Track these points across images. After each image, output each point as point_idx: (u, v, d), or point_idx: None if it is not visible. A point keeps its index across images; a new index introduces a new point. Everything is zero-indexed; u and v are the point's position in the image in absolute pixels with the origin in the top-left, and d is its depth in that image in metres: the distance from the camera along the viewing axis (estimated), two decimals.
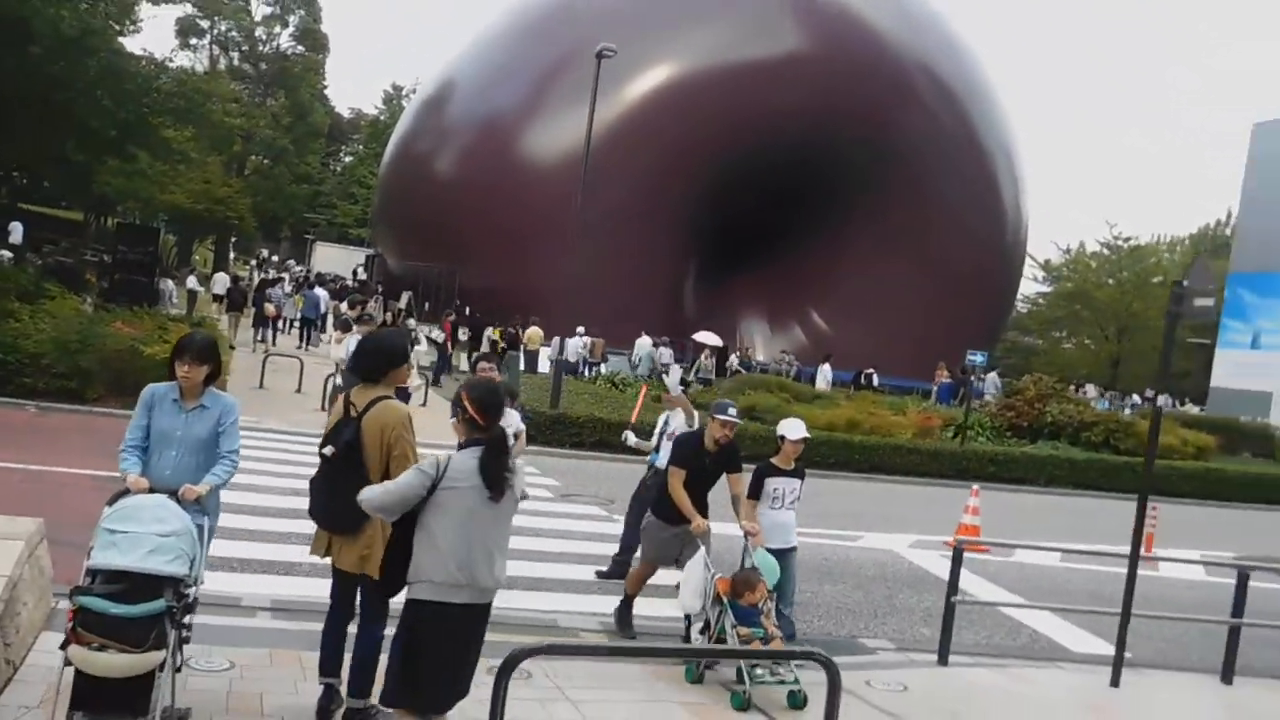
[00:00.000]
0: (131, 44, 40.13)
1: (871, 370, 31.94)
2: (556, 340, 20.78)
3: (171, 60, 27.31)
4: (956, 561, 7.42)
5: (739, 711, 5.82)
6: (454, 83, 41.09)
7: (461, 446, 4.30)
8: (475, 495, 4.16)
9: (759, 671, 5.98)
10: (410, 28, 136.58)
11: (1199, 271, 6.70)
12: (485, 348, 26.10)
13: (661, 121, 34.89)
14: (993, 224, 40.09)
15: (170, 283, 27.73)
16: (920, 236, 38.05)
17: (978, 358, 19.89)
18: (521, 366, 24.23)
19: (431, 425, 10.35)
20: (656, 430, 9.02)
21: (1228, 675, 7.68)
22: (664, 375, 25.11)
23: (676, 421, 8.81)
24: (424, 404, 17.80)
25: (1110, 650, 7.62)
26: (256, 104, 51.21)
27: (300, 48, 51.84)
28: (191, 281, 30.97)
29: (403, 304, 38.74)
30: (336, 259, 57.33)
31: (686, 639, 6.82)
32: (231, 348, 21.56)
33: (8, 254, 24.79)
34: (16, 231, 27.62)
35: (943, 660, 7.30)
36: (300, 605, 6.63)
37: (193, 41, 49.16)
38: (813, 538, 10.77)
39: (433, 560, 4.14)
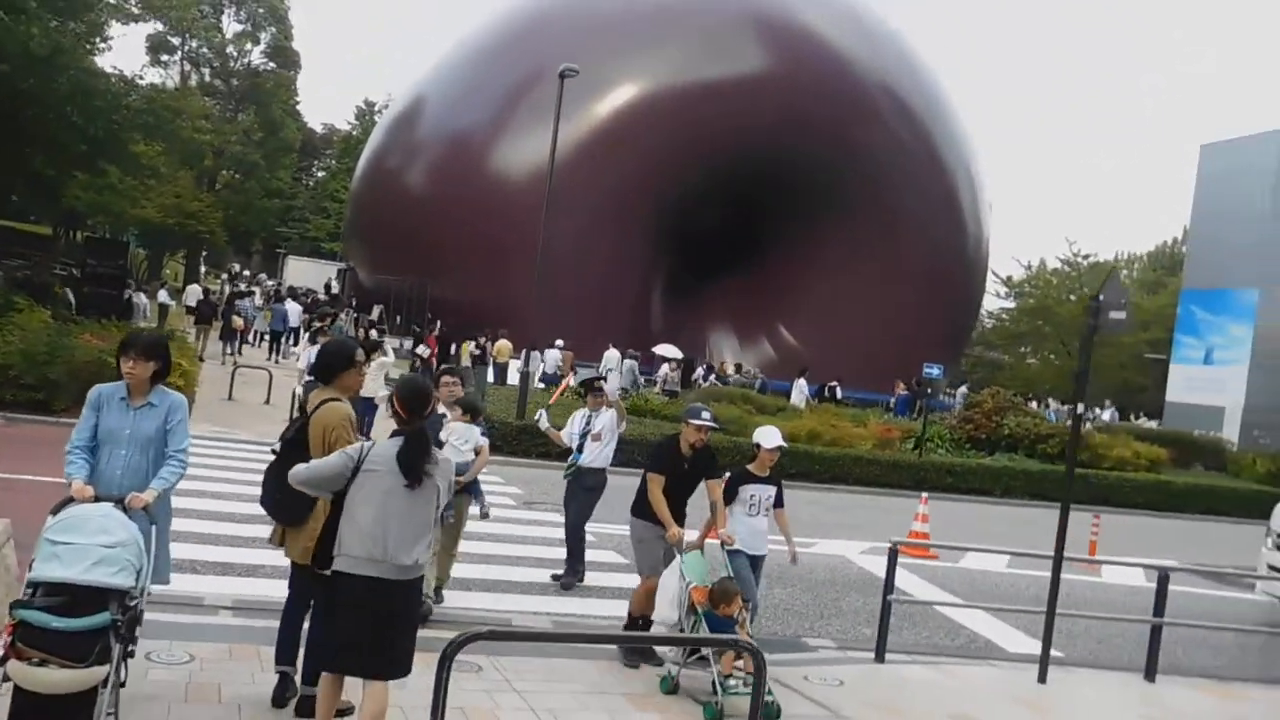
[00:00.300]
0: (103, 61, 40.27)
1: (835, 383, 32.42)
2: (524, 352, 21.11)
3: (142, 77, 27.50)
4: (892, 562, 7.78)
5: None
6: (424, 99, 41.39)
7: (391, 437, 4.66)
8: (392, 480, 4.48)
9: (731, 682, 5.99)
10: (384, 44, 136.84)
11: (1112, 286, 7.10)
12: (466, 361, 26.33)
13: (629, 137, 35.38)
14: (954, 238, 40.75)
15: (143, 296, 27.84)
16: (884, 250, 38.66)
17: (934, 371, 20.33)
18: (491, 379, 24.51)
19: None
20: (577, 430, 9.16)
21: (1150, 673, 8.08)
22: (639, 388, 25.50)
23: (601, 422, 9.04)
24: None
25: (1033, 645, 8.06)
26: (228, 119, 51.30)
27: (271, 64, 52.02)
28: (163, 295, 31.14)
29: (374, 317, 38.97)
30: (308, 273, 57.36)
31: (640, 652, 6.81)
32: (200, 360, 21.71)
33: None
34: None
35: (879, 657, 7.65)
36: (261, 604, 6.92)
37: (164, 58, 49.24)
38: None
39: (351, 536, 4.47)
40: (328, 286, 51.12)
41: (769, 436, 7.33)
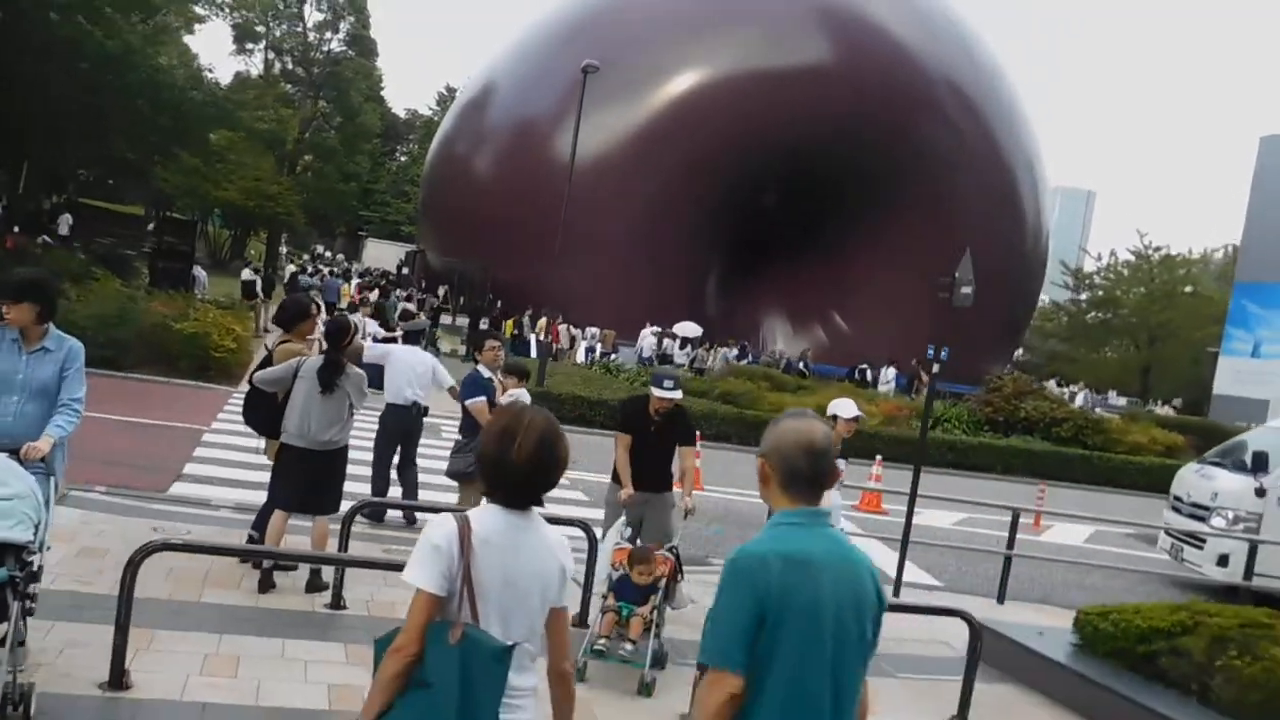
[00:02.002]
0: (194, 45, 42.77)
1: (865, 365, 33.41)
2: (542, 321, 22.42)
3: (211, 70, 29.71)
4: None
5: None
6: (493, 85, 42.63)
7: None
8: (314, 385, 6.49)
9: (601, 643, 5.78)
10: (469, 29, 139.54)
11: (964, 265, 8.09)
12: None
13: (689, 125, 36.28)
14: (1013, 230, 40.98)
15: (201, 270, 29.80)
16: (940, 241, 38.84)
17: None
18: (533, 354, 25.97)
19: None
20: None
21: (1000, 597, 9.22)
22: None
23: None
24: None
25: (930, 580, 9.26)
26: (309, 105, 53.76)
27: (350, 52, 54.26)
28: (246, 273, 33.22)
29: (440, 298, 40.88)
30: (385, 255, 59.62)
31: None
32: (264, 330, 23.62)
33: (47, 239, 27.05)
34: (64, 223, 30.22)
35: None
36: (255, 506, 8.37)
37: (249, 46, 51.82)
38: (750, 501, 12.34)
39: (289, 421, 6.57)
40: (398, 267, 53.24)
41: (845, 408, 7.07)
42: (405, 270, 51.62)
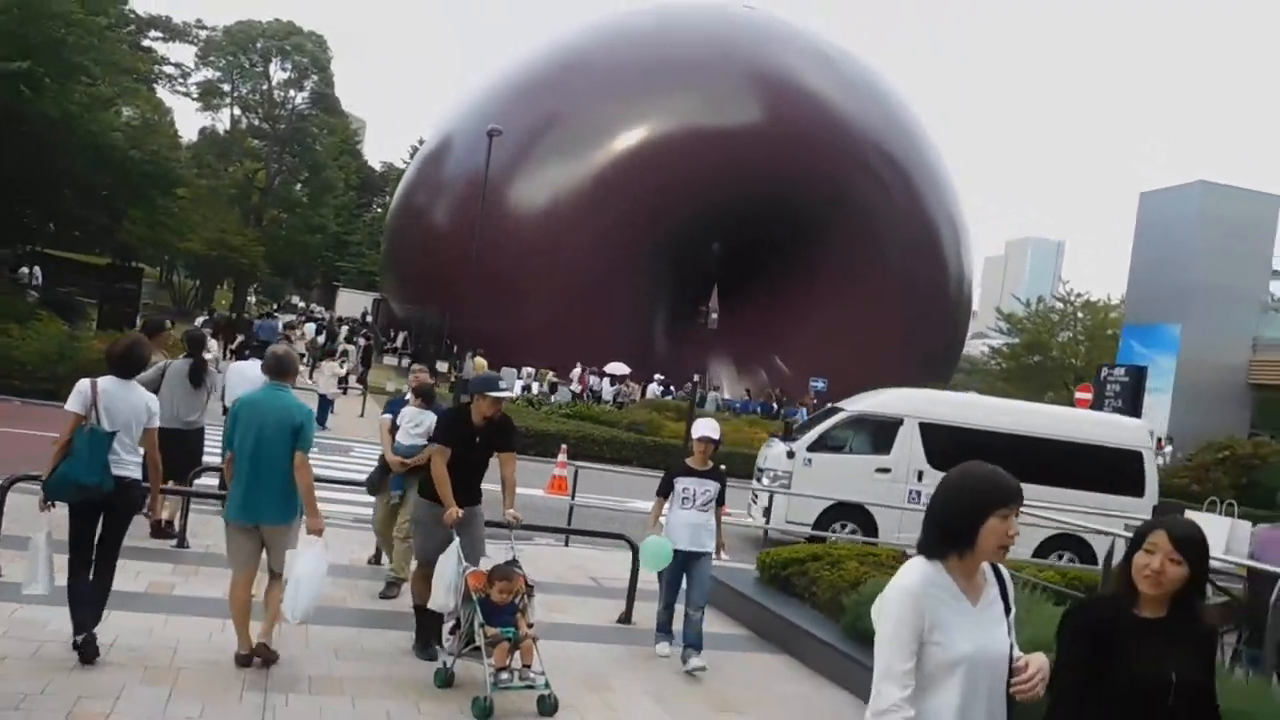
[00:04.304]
0: (168, 98, 45.07)
1: (776, 403, 35.86)
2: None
3: (173, 127, 31.97)
4: None
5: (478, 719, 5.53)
6: (451, 137, 44.63)
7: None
8: (183, 378, 8.93)
9: (504, 676, 5.62)
10: (449, 86, 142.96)
11: (713, 297, 10.14)
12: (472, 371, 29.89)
13: (634, 177, 38.64)
14: (936, 276, 43.54)
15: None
16: (872, 288, 41.50)
17: (819, 384, 23.41)
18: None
19: None
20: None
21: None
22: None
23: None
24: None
25: None
26: (274, 159, 56.11)
27: (314, 110, 56.72)
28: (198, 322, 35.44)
29: (398, 343, 43.24)
30: (356, 303, 61.64)
31: (437, 641, 6.49)
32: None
33: (32, 293, 29.36)
34: (35, 274, 32.61)
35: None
36: None
37: (214, 102, 54.25)
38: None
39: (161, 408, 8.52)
40: (363, 315, 55.28)
41: (699, 427, 7.37)
42: (370, 318, 53.58)
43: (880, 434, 14.25)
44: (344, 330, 41.83)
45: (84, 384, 5.82)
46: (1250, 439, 28.49)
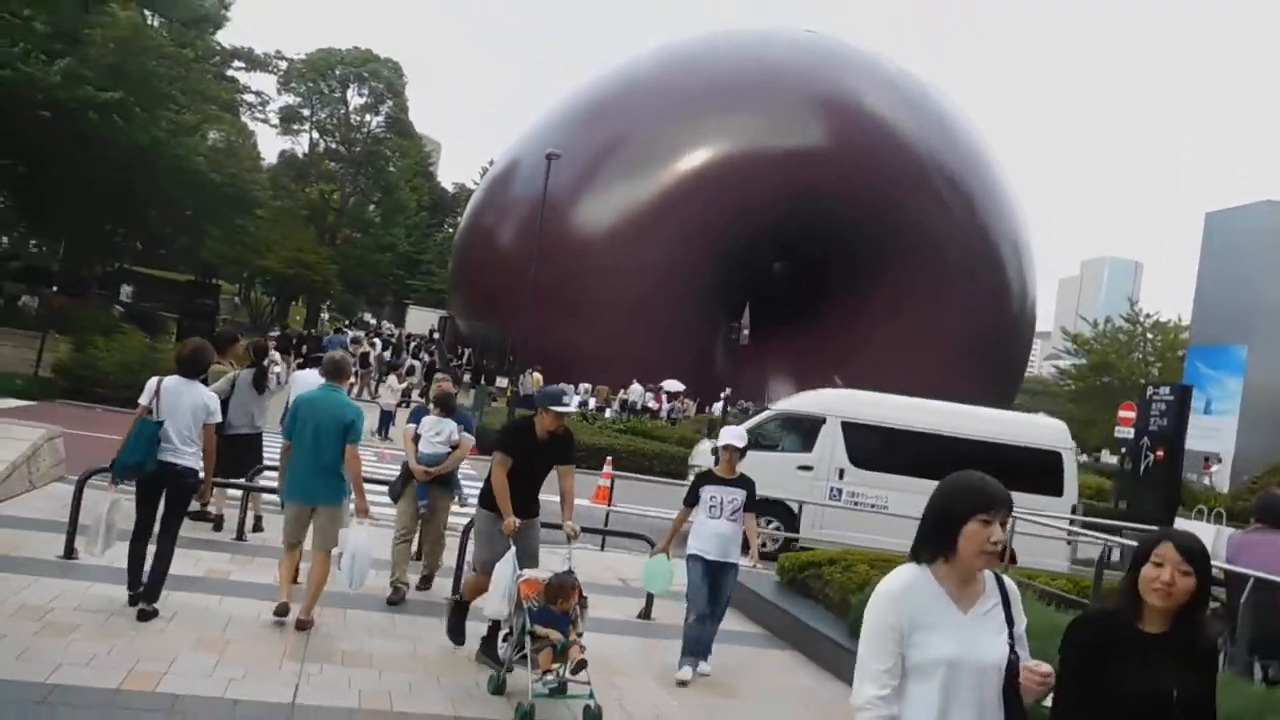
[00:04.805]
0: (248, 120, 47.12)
1: None
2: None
3: (257, 150, 33.51)
4: None
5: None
6: (518, 160, 45.69)
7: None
8: (249, 385, 9.66)
9: (549, 678, 5.63)
10: (522, 110, 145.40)
11: (745, 314, 10.64)
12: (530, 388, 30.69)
13: (696, 199, 39.27)
14: (999, 297, 43.42)
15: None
16: (932, 309, 41.54)
17: None
18: None
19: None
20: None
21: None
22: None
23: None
24: None
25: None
26: (350, 181, 57.97)
27: (389, 134, 58.50)
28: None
29: (463, 358, 44.19)
30: (425, 320, 63.16)
31: (492, 647, 6.50)
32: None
33: (119, 308, 31.02)
34: (125, 292, 34.35)
35: None
36: None
37: (294, 127, 56.33)
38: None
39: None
40: (431, 332, 56.61)
41: (725, 435, 7.32)
42: (437, 334, 54.81)
43: (804, 432, 14.66)
44: (411, 346, 42.97)
45: (152, 381, 6.85)
46: None
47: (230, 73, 45.52)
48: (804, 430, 14.72)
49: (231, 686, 5.41)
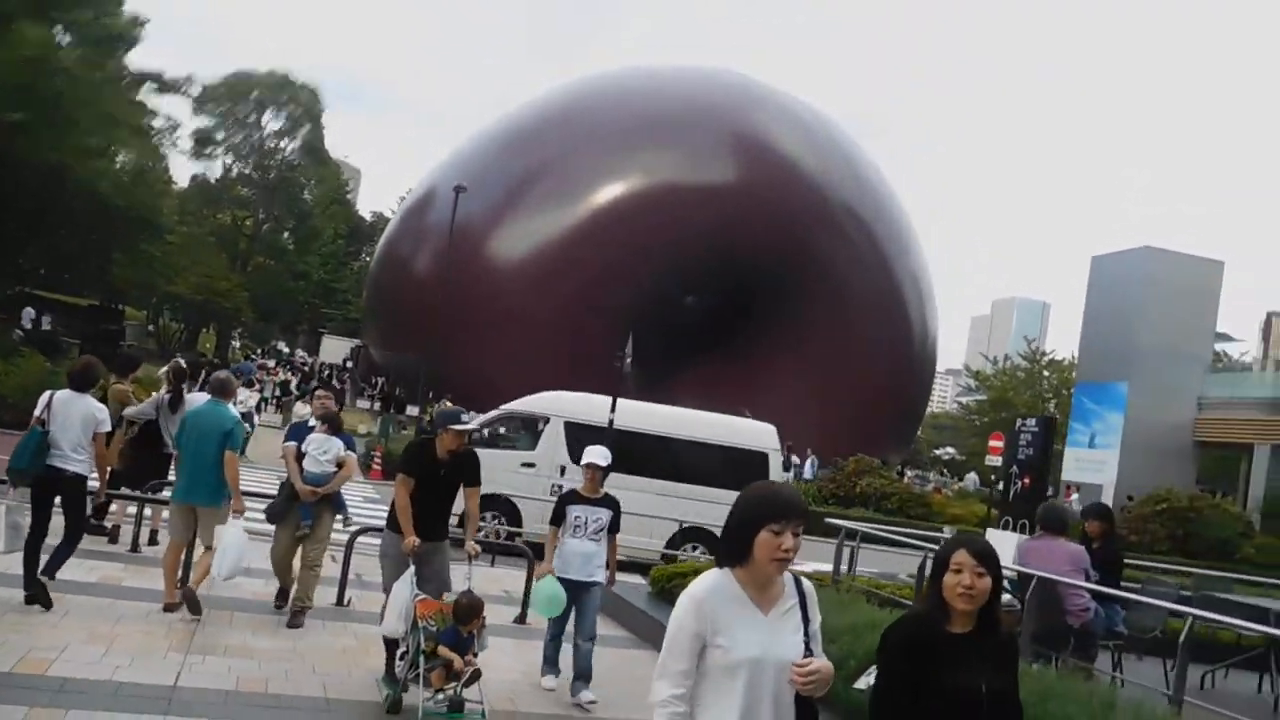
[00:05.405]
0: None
1: None
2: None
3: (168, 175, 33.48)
4: None
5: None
6: (434, 190, 45.92)
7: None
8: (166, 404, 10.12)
9: (439, 698, 5.78)
10: (447, 139, 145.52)
11: (629, 343, 11.43)
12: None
13: (611, 231, 39.97)
14: (901, 333, 44.90)
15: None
16: (836, 344, 42.77)
17: None
18: None
19: None
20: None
21: None
22: None
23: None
24: None
25: None
26: (262, 207, 57.65)
27: (303, 161, 58.32)
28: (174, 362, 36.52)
29: (377, 388, 44.21)
30: (340, 349, 62.87)
31: (390, 667, 6.50)
32: None
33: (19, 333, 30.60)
34: (26, 316, 33.83)
35: None
36: None
37: (206, 151, 55.82)
38: None
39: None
40: (345, 361, 56.42)
41: (591, 454, 7.29)
42: (350, 363, 54.64)
43: (528, 431, 15.41)
44: (324, 374, 42.94)
45: (45, 395, 7.49)
46: (1186, 493, 29.64)
47: (140, 96, 45.21)
48: (528, 429, 15.45)
49: (117, 672, 5.92)
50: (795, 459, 33.69)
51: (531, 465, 14.99)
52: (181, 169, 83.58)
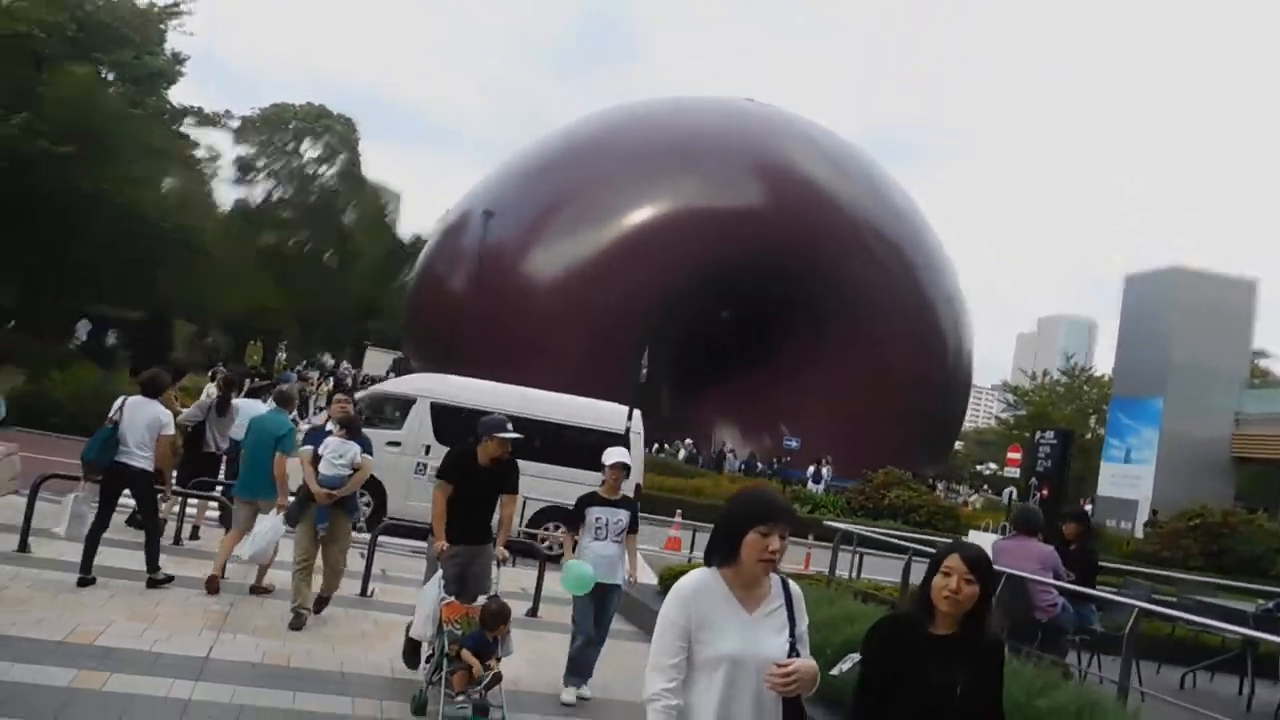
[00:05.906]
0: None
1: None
2: None
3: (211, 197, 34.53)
4: None
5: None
6: (470, 213, 47.25)
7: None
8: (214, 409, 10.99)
9: (460, 700, 5.76)
10: (483, 162, 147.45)
11: (645, 355, 11.95)
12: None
13: (641, 251, 40.77)
14: (935, 353, 45.11)
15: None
16: (870, 362, 43.12)
17: (792, 442, 24.90)
18: None
19: None
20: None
21: None
22: None
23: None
24: None
25: None
26: (304, 228, 59.20)
27: (341, 188, 60.22)
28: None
29: None
30: (382, 361, 64.18)
31: (414, 667, 6.66)
32: None
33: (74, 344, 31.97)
34: (82, 329, 35.14)
35: None
36: None
37: (248, 177, 57.61)
38: None
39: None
40: (387, 373, 57.48)
41: (610, 455, 7.18)
42: (392, 375, 55.63)
43: (395, 411, 15.68)
44: (366, 386, 43.78)
45: (119, 399, 8.60)
46: (1221, 509, 29.57)
47: (182, 129, 46.84)
48: (396, 410, 15.72)
49: (156, 644, 6.61)
50: (825, 470, 34.04)
51: (397, 444, 15.13)
52: (224, 195, 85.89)
